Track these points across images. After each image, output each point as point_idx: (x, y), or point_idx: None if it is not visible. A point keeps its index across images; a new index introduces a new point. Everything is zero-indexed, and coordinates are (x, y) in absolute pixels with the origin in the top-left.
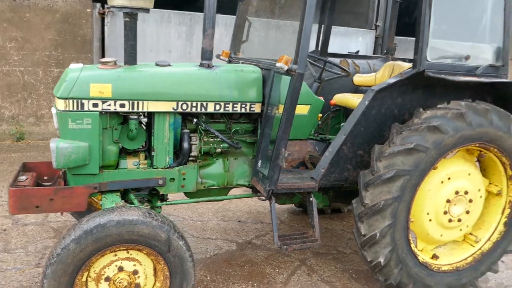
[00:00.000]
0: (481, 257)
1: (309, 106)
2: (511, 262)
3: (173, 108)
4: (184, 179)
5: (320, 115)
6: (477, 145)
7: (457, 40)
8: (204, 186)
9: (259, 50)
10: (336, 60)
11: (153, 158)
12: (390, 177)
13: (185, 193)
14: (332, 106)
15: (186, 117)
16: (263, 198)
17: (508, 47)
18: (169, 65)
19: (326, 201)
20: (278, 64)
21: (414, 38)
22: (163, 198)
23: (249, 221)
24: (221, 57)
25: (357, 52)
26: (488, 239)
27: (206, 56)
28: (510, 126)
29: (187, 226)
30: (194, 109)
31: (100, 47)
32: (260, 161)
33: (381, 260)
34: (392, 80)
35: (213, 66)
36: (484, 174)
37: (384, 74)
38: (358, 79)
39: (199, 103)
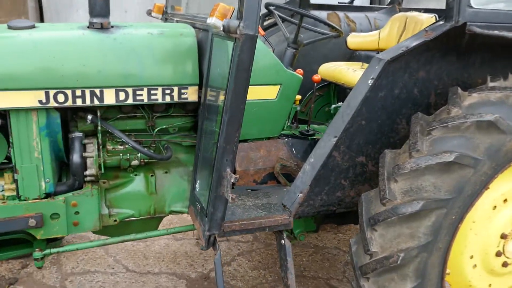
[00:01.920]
0: None
1: (278, 86)
2: None
3: (41, 101)
4: (77, 212)
5: (299, 97)
6: None
7: None
8: (115, 220)
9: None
10: (322, 14)
11: (18, 184)
12: (415, 212)
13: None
14: (316, 84)
15: (73, 113)
16: (203, 246)
17: None
18: (31, 26)
19: (312, 226)
20: (209, 20)
21: None
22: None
23: None
24: (152, 14)
25: (351, 1)
26: None
27: (98, 9)
28: None
29: (122, 252)
30: (79, 101)
31: (37, 7)
32: (198, 182)
33: None
34: (412, 42)
35: (111, 27)
36: None
37: (391, 32)
38: (353, 40)
39: (87, 91)
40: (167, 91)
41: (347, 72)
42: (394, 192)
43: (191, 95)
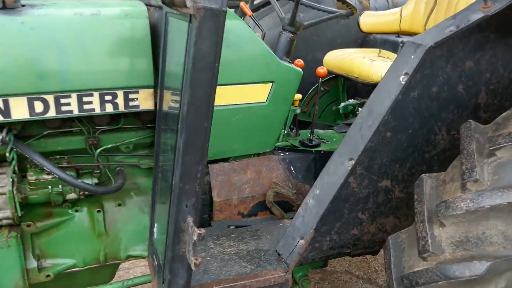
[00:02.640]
0: None
1: (270, 85)
2: None
3: None
4: None
5: (299, 96)
6: None
7: None
8: (49, 275)
9: None
10: None
11: None
12: (477, 276)
13: None
14: (321, 78)
15: None
16: None
17: None
18: None
19: (318, 262)
20: None
21: None
22: None
23: None
24: None
25: None
26: None
27: None
28: None
29: None
30: None
31: None
32: (156, 225)
33: None
34: (464, 19)
35: (22, 5)
36: None
37: (417, 9)
38: (368, 20)
39: None
40: (108, 98)
41: (362, 62)
42: (440, 241)
43: (144, 101)
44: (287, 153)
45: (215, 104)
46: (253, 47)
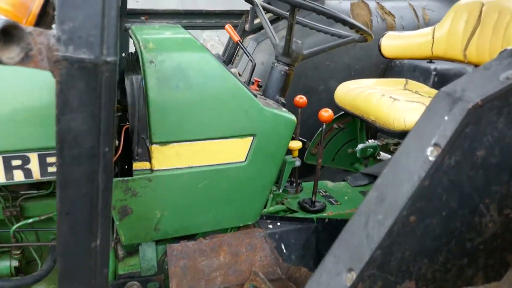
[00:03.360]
0: None
1: (250, 139)
2: None
3: None
4: None
5: (298, 145)
6: None
7: None
8: None
9: None
10: (344, 5)
11: None
12: None
13: None
14: (325, 123)
15: None
16: None
17: None
18: None
19: None
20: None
21: None
22: None
23: None
24: None
25: None
26: None
27: None
28: None
29: None
30: None
31: None
32: None
33: None
34: None
35: None
36: None
37: (454, 29)
38: (391, 43)
39: None
40: (16, 163)
41: (381, 102)
42: None
43: None
44: (278, 223)
45: (173, 167)
46: (224, 89)
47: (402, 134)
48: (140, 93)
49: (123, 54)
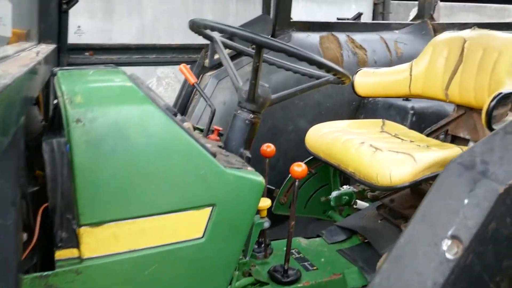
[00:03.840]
0: None
1: (208, 210)
2: None
3: None
4: None
5: (266, 203)
6: None
7: None
8: None
9: None
10: (312, 38)
11: None
12: None
13: None
14: (298, 180)
15: None
16: None
17: None
18: None
19: None
20: None
21: None
22: None
23: None
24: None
25: (358, 16)
26: None
27: None
28: None
29: None
30: None
31: None
32: None
33: None
34: None
35: None
36: None
37: (434, 65)
38: (365, 80)
39: None
40: None
41: (360, 152)
42: None
43: None
44: None
45: (110, 253)
46: (174, 151)
47: (387, 189)
48: (64, 162)
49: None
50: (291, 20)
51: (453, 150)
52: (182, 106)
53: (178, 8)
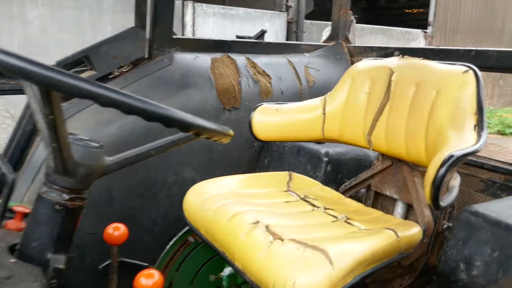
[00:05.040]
0: None
1: None
2: None
3: None
4: None
5: None
6: None
7: None
8: None
9: None
10: (203, 60)
11: None
12: None
13: None
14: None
15: None
16: None
17: None
18: None
19: None
20: None
21: None
22: None
23: None
24: None
25: (262, 34)
26: None
27: None
28: None
29: None
30: None
31: None
32: None
33: None
34: None
35: None
36: None
37: (353, 103)
38: (266, 120)
39: None
40: None
41: (251, 239)
42: None
43: None
44: None
45: None
46: None
47: None
48: None
49: None
50: (174, 37)
51: (382, 236)
52: (16, 154)
53: (70, 18)
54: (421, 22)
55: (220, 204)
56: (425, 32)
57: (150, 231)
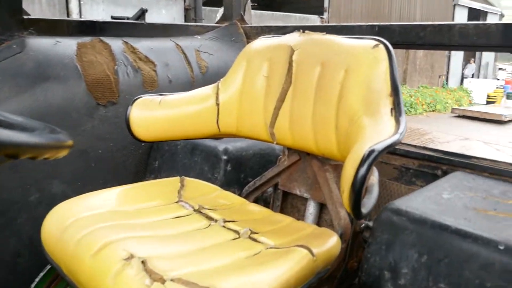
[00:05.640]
0: None
1: None
2: None
3: None
4: None
5: None
6: None
7: None
8: None
9: None
10: (60, 48)
11: None
12: None
13: None
14: None
15: None
16: None
17: None
18: None
19: None
20: None
21: None
22: None
23: None
24: None
25: (142, 14)
26: None
27: None
28: None
29: None
30: None
31: None
32: None
33: None
34: None
35: None
36: None
37: (250, 90)
38: (147, 116)
39: None
40: None
41: (115, 274)
42: None
43: None
44: None
45: None
46: None
47: None
48: None
49: None
50: (26, 17)
51: (295, 257)
52: None
53: None
54: (317, 10)
55: (87, 231)
56: (321, 17)
57: (11, 266)
